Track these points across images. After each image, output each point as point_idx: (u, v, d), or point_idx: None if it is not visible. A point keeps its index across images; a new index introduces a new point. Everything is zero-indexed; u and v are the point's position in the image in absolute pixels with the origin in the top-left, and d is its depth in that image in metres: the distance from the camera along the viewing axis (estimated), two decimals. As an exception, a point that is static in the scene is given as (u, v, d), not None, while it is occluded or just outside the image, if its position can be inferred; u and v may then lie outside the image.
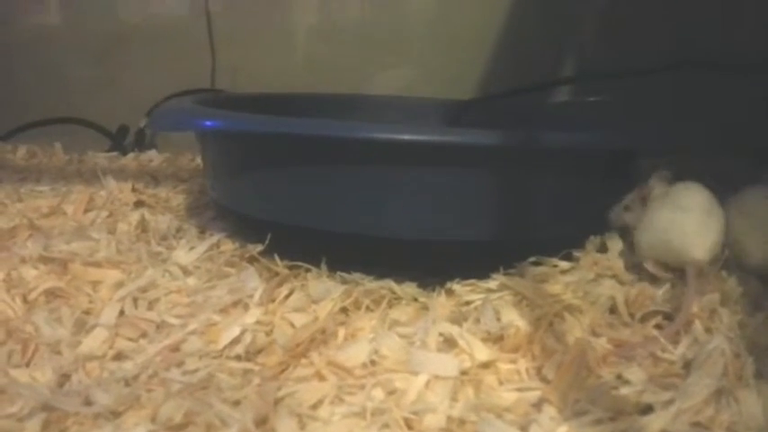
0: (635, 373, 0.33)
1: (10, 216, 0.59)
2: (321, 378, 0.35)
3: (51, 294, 0.47)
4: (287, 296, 0.45)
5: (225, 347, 0.40)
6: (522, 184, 0.43)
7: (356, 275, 0.47)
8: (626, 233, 0.47)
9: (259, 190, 0.47)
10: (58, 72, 0.99)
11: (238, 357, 0.39)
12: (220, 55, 0.93)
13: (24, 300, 0.46)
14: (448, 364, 0.34)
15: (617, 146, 0.45)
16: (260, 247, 0.48)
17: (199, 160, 0.89)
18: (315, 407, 0.32)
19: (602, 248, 0.48)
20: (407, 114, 0.73)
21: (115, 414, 0.32)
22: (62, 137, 0.99)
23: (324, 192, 0.45)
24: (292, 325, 0.42)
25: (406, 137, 0.42)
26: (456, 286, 0.45)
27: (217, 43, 0.93)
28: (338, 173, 0.44)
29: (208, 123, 0.44)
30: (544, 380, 0.34)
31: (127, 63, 0.97)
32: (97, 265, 0.50)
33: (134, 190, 0.66)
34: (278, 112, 0.46)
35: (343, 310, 0.43)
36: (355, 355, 0.36)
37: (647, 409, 0.31)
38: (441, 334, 0.37)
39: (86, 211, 0.61)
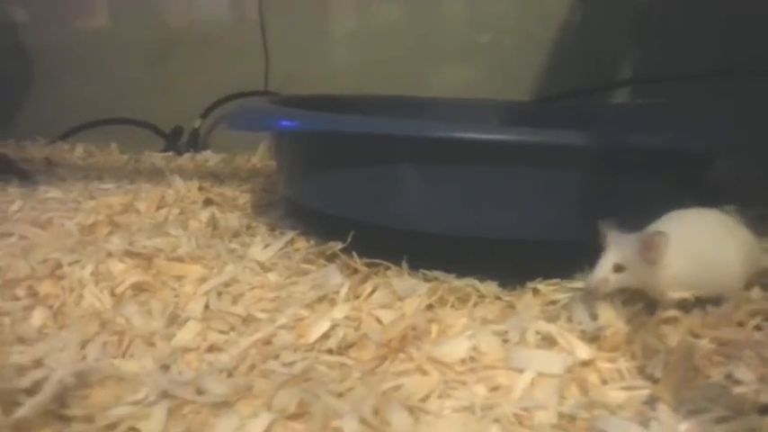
0: (745, 373, 0.33)
1: (86, 213, 0.60)
2: (424, 373, 0.35)
3: (138, 288, 0.48)
4: (371, 293, 0.45)
5: (316, 341, 0.41)
6: (611, 185, 0.43)
7: (437, 273, 0.47)
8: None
9: (342, 189, 0.48)
10: (113, 74, 1.02)
11: (330, 351, 0.40)
12: (273, 59, 0.95)
13: (112, 293, 0.47)
14: (552, 362, 0.34)
15: (711, 148, 0.44)
16: (341, 245, 0.49)
17: (254, 160, 0.90)
18: (423, 400, 0.33)
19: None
20: (466, 115, 0.73)
21: (229, 403, 0.32)
22: (117, 137, 1.02)
23: (409, 191, 0.45)
24: (379, 321, 0.43)
25: (499, 137, 0.42)
26: (540, 285, 0.45)
27: (269, 47, 0.95)
28: (425, 173, 0.44)
29: (296, 124, 0.45)
30: (649, 378, 0.34)
31: (181, 66, 0.99)
32: (179, 260, 0.51)
33: (201, 189, 0.67)
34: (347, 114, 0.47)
35: (429, 307, 0.44)
36: (454, 351, 0.36)
37: (764, 409, 0.31)
38: (538, 332, 0.37)
39: (158, 208, 0.62)
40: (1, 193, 0.70)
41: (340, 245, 0.49)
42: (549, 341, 0.37)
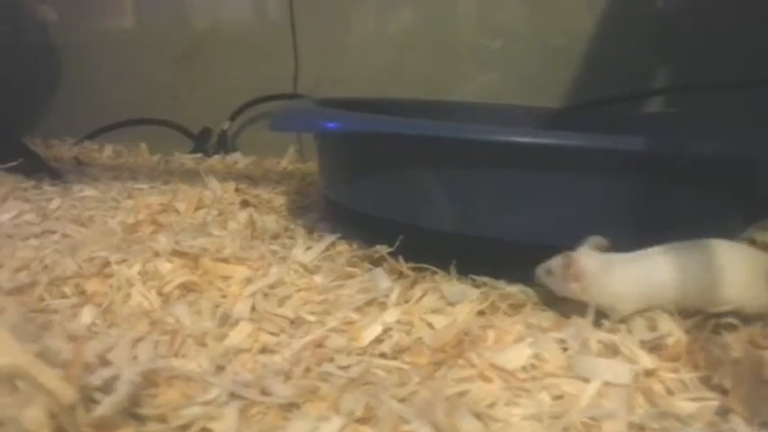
0: (815, 387, 0.33)
1: (126, 211, 0.61)
2: (486, 380, 0.35)
3: (185, 288, 0.48)
4: (420, 297, 0.45)
5: (369, 345, 0.41)
6: (662, 192, 0.43)
7: (486, 279, 0.47)
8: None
9: (390, 192, 0.47)
10: (141, 74, 1.02)
11: (384, 355, 0.40)
12: (302, 61, 0.95)
13: (159, 292, 0.47)
14: (619, 371, 0.34)
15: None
16: (388, 249, 0.49)
17: (284, 163, 0.91)
18: (491, 407, 0.32)
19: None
20: (500, 120, 0.73)
21: (295, 405, 0.32)
22: (145, 137, 1.02)
23: (458, 195, 0.45)
24: (431, 326, 0.42)
25: (549, 141, 0.42)
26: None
27: (299, 49, 0.95)
28: (475, 176, 0.44)
29: (349, 125, 0.45)
30: (716, 389, 0.34)
31: (209, 67, 1.00)
32: (225, 260, 0.51)
33: (237, 190, 0.68)
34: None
35: (480, 312, 0.43)
36: (515, 358, 0.36)
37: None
38: (600, 341, 0.37)
39: (197, 209, 0.62)
40: (36, 191, 0.71)
41: (387, 248, 0.49)
42: (611, 350, 0.37)
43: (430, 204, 0.46)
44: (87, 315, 0.44)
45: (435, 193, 0.45)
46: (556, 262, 0.41)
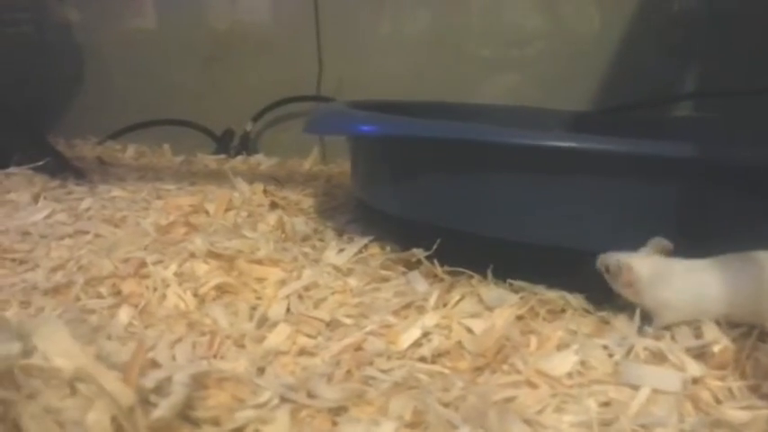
0: None
1: (157, 212, 0.61)
2: (533, 386, 0.34)
3: (220, 289, 0.48)
4: (458, 301, 0.45)
5: (408, 349, 0.41)
6: (710, 199, 0.43)
7: (524, 284, 0.46)
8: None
9: (428, 195, 0.47)
10: (163, 75, 1.03)
11: (424, 359, 0.39)
12: (326, 63, 0.95)
13: (195, 293, 0.47)
14: (668, 379, 0.33)
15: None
16: (425, 252, 0.48)
17: (307, 165, 0.91)
18: (539, 413, 0.32)
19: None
20: (525, 124, 0.73)
21: (343, 408, 0.32)
22: (166, 138, 1.03)
23: (498, 198, 0.45)
24: (470, 330, 0.42)
25: (589, 146, 0.42)
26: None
27: (323, 51, 0.95)
28: (517, 181, 0.44)
29: (389, 129, 0.45)
30: (765, 398, 0.33)
31: (232, 68, 1.00)
32: (259, 262, 0.51)
33: (265, 192, 0.68)
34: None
35: (520, 317, 0.43)
36: (561, 364, 0.36)
37: None
38: (646, 347, 0.37)
39: (226, 210, 0.63)
40: (65, 191, 0.71)
41: (423, 252, 0.48)
42: (658, 357, 0.36)
43: (469, 208, 0.46)
44: (124, 315, 0.44)
45: (476, 197, 0.45)
46: (614, 262, 0.41)
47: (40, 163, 0.77)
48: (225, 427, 0.28)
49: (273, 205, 0.66)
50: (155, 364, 0.32)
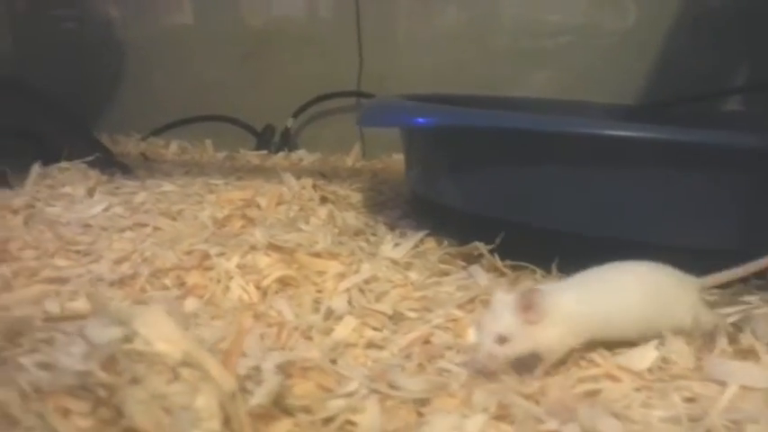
0: None
1: (212, 206, 0.61)
2: (614, 379, 0.34)
3: (282, 282, 0.48)
4: (525, 296, 0.45)
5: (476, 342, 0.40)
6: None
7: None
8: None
9: (495, 189, 0.47)
10: (203, 71, 1.03)
11: (492, 353, 0.39)
12: (366, 58, 0.95)
13: (257, 286, 0.47)
14: (756, 375, 0.33)
15: None
16: (487, 246, 0.48)
17: (348, 160, 0.91)
18: (627, 408, 0.31)
19: None
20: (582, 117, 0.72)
21: (426, 400, 0.32)
22: (205, 134, 1.03)
23: (566, 192, 0.44)
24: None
25: (671, 137, 0.41)
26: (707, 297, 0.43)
27: (363, 47, 0.95)
28: (587, 174, 0.43)
29: (464, 120, 0.44)
30: None
31: (272, 64, 1.00)
32: (318, 255, 0.51)
33: (315, 186, 0.68)
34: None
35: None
36: (642, 358, 0.35)
37: None
38: (730, 343, 0.36)
39: (278, 204, 0.63)
40: (113, 185, 0.72)
41: (486, 246, 0.48)
42: (741, 353, 0.35)
43: (536, 201, 0.45)
44: (190, 306, 0.45)
45: (543, 190, 0.45)
46: (505, 316, 0.35)
47: (90, 158, 0.78)
48: (317, 415, 0.28)
49: (323, 200, 0.66)
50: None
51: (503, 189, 0.46)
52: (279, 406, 0.28)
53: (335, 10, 0.98)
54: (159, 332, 0.25)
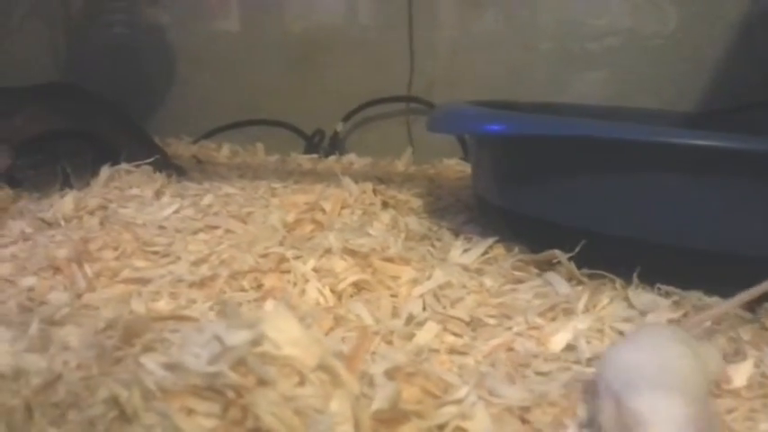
0: None
1: (278, 209, 0.62)
2: (714, 396, 0.34)
3: (356, 286, 0.49)
4: (607, 305, 0.44)
5: (562, 352, 0.40)
6: None
7: (673, 289, 0.45)
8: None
9: (568, 196, 0.47)
10: (253, 75, 1.05)
11: (579, 362, 0.39)
12: (417, 63, 0.95)
13: (332, 289, 0.48)
14: None
15: None
16: (565, 254, 0.48)
17: (401, 165, 0.91)
18: (733, 421, 0.31)
19: None
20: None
21: (525, 409, 0.32)
22: (255, 138, 1.05)
23: (643, 200, 0.44)
24: (623, 334, 0.42)
25: (748, 146, 0.40)
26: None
27: (415, 52, 0.95)
28: (661, 182, 0.43)
29: (515, 128, 0.44)
30: None
31: (322, 68, 1.01)
32: (391, 260, 0.51)
33: (375, 191, 0.68)
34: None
35: (674, 323, 0.42)
36: (738, 374, 0.35)
37: None
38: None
39: (342, 208, 0.63)
40: (178, 186, 0.73)
41: (565, 254, 0.48)
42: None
43: (615, 210, 0.45)
44: (270, 309, 0.46)
45: (622, 199, 0.45)
46: None
47: (150, 160, 0.80)
48: (430, 422, 0.28)
49: (385, 204, 0.66)
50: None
51: (580, 198, 0.46)
52: (395, 411, 0.28)
53: (387, 14, 0.99)
54: (288, 336, 0.26)
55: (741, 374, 0.35)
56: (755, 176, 0.41)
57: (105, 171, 0.69)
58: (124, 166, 0.76)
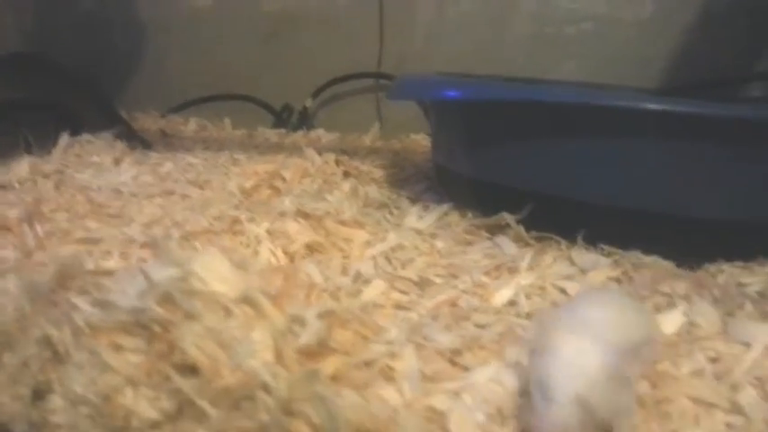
0: None
1: (238, 177, 0.62)
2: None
3: (309, 248, 0.49)
4: (551, 264, 0.45)
5: (503, 306, 0.41)
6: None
7: (616, 249, 0.47)
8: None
9: (518, 160, 0.48)
10: (223, 50, 1.04)
11: (519, 315, 0.40)
12: (387, 40, 0.95)
13: (285, 251, 0.48)
14: (782, 336, 0.34)
15: None
16: (513, 217, 0.49)
17: (368, 140, 0.91)
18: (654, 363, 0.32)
19: None
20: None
21: (456, 351, 0.33)
22: (225, 113, 1.04)
23: (586, 163, 0.45)
24: (564, 291, 0.43)
25: (690, 110, 0.42)
26: (725, 267, 0.44)
27: (385, 28, 0.95)
28: (605, 144, 0.44)
29: (472, 94, 0.45)
30: None
31: (292, 44, 1.01)
32: (345, 223, 0.52)
33: (337, 162, 0.69)
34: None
35: (615, 281, 0.43)
36: (669, 323, 0.36)
37: None
38: (755, 307, 0.37)
39: (302, 177, 0.64)
40: (140, 156, 0.72)
41: (513, 216, 0.49)
42: (765, 316, 0.36)
43: (561, 173, 0.46)
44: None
45: (568, 162, 0.46)
46: None
47: (114, 131, 0.80)
48: (358, 358, 0.29)
49: (346, 174, 0.67)
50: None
51: (530, 161, 0.47)
52: (323, 347, 0.29)
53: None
54: (216, 273, 0.26)
55: (671, 323, 0.36)
56: (691, 139, 0.42)
57: (65, 139, 0.69)
58: (86, 136, 0.75)
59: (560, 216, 0.47)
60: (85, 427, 0.28)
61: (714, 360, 0.34)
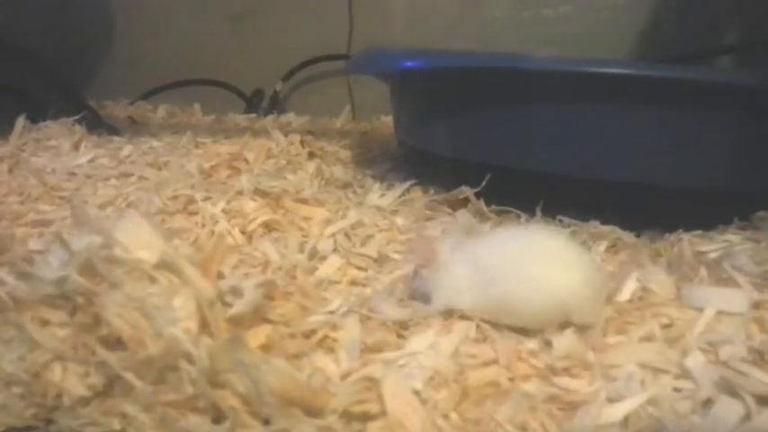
0: None
1: (199, 158, 0.61)
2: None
3: (267, 226, 0.48)
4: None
5: (460, 280, 0.40)
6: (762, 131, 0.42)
7: (574, 220, 0.46)
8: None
9: (474, 133, 0.47)
10: (193, 35, 1.02)
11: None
12: (357, 22, 0.94)
13: (242, 230, 0.47)
14: (734, 300, 0.33)
15: None
16: (472, 190, 0.48)
17: (337, 122, 0.90)
18: (603, 334, 0.32)
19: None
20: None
21: (404, 323, 0.32)
22: (195, 99, 1.02)
23: (542, 133, 0.44)
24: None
25: (646, 73, 0.41)
26: (684, 236, 0.44)
27: (354, 10, 0.94)
28: (563, 112, 0.43)
29: (431, 62, 0.44)
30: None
31: (261, 27, 0.99)
32: (304, 201, 0.51)
33: (302, 142, 0.67)
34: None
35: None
36: (623, 290, 0.36)
37: None
38: (710, 273, 0.36)
39: (266, 158, 0.63)
40: (101, 140, 0.71)
41: (471, 190, 0.48)
42: (720, 282, 0.36)
43: (518, 144, 0.46)
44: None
45: (525, 132, 0.45)
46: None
47: (76, 117, 0.78)
48: (296, 328, 0.28)
49: (311, 155, 0.66)
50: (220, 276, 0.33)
51: (486, 132, 0.46)
52: (258, 318, 0.28)
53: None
54: (138, 239, 0.25)
55: (624, 290, 0.36)
56: (648, 104, 0.41)
57: (20, 122, 0.67)
58: (50, 122, 0.73)
59: (518, 188, 0.46)
60: (18, 409, 0.27)
61: (666, 326, 0.34)
